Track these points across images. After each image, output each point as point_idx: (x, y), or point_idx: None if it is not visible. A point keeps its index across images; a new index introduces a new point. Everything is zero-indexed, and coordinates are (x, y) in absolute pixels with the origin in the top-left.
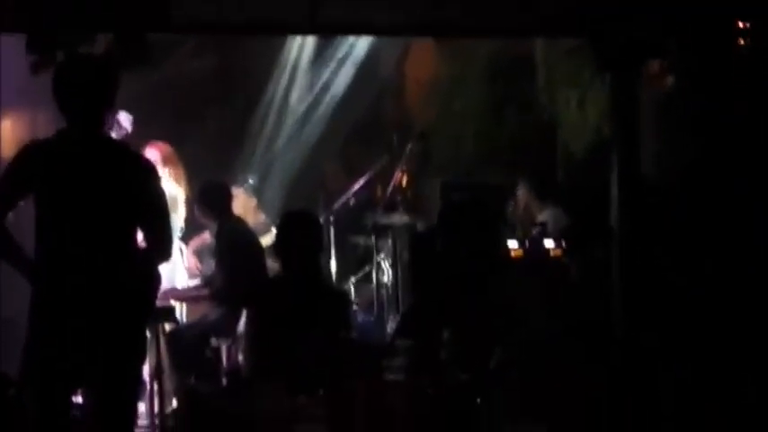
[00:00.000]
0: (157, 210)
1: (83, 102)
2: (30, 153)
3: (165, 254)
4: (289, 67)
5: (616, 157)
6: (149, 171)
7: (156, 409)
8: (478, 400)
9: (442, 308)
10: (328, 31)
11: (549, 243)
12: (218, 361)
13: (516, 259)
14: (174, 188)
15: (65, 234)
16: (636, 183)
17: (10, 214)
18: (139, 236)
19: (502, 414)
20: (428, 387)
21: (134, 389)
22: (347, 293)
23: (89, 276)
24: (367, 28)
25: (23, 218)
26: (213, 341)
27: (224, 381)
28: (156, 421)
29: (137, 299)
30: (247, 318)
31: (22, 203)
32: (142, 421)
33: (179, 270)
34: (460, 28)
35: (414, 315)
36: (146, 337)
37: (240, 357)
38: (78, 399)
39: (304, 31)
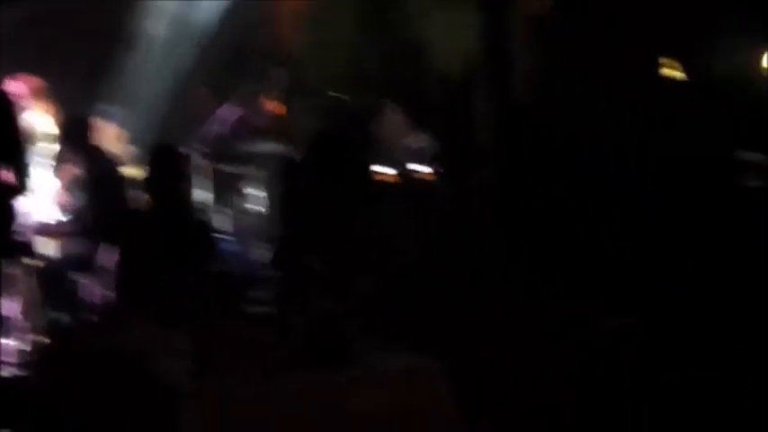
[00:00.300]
0: (12, 142)
1: None
2: None
3: (21, 187)
4: None
5: (490, 80)
6: (6, 103)
7: (26, 345)
8: (348, 330)
9: (313, 238)
10: None
11: (422, 168)
12: (86, 295)
13: (389, 186)
14: (43, 122)
15: None
16: (511, 106)
17: None
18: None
19: (373, 344)
20: (297, 318)
21: None
22: (214, 225)
23: None
24: None
25: None
26: (81, 276)
27: (91, 315)
28: (26, 358)
29: None
30: (114, 251)
31: None
32: (11, 359)
33: (49, 205)
34: None
35: (284, 246)
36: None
37: (107, 291)
38: None
39: None
